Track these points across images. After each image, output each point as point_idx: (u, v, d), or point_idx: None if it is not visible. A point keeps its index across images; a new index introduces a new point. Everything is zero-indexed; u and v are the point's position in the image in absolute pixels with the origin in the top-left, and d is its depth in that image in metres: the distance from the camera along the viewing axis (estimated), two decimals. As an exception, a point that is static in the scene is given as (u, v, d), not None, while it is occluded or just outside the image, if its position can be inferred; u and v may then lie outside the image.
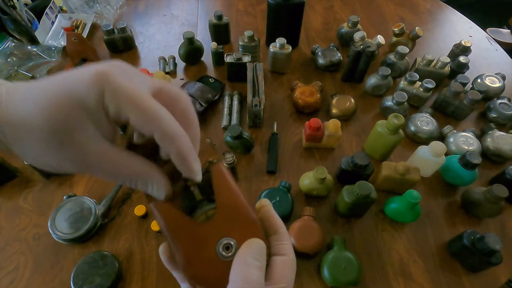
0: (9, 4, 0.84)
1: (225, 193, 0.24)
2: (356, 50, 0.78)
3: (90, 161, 0.21)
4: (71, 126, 0.20)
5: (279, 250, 0.25)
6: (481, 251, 0.53)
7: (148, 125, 0.21)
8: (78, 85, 0.20)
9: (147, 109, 0.20)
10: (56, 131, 0.20)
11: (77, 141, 0.20)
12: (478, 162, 0.60)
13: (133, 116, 0.20)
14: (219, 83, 0.84)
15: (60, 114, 0.20)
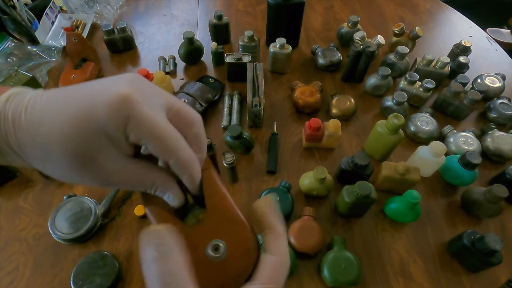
0: (9, 4, 0.84)
1: (215, 197, 0.25)
2: (356, 50, 0.78)
3: (113, 178, 0.22)
4: (92, 150, 0.20)
5: (274, 250, 0.24)
6: (481, 251, 0.53)
7: (166, 154, 0.22)
8: (100, 109, 0.20)
9: (167, 140, 0.21)
10: (76, 155, 0.20)
11: (99, 163, 0.21)
12: (478, 162, 0.60)
13: (152, 145, 0.21)
14: (219, 83, 0.84)
15: (80, 138, 0.20)
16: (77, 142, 0.20)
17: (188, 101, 0.75)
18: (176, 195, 0.24)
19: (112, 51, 0.93)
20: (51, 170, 0.22)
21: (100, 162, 0.21)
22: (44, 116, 0.20)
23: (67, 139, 0.20)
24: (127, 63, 0.91)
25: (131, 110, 0.20)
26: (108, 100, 0.20)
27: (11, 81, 0.66)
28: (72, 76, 0.82)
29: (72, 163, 0.20)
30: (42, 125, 0.20)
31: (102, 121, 0.20)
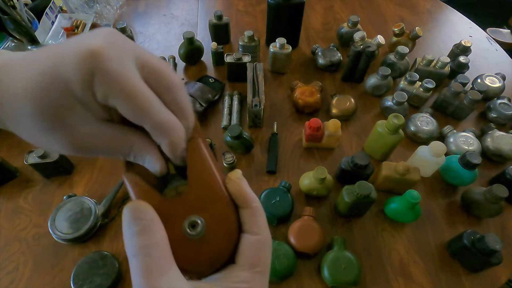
0: (9, 4, 0.84)
1: (199, 170, 0.23)
2: (356, 50, 0.78)
3: (86, 143, 0.20)
4: (60, 110, 0.19)
5: (252, 227, 0.23)
6: (481, 251, 0.53)
7: (139, 116, 0.19)
8: (66, 64, 0.18)
9: (138, 98, 0.19)
10: (44, 116, 0.19)
11: (68, 126, 0.19)
12: (478, 162, 0.60)
13: (122, 104, 0.19)
14: (219, 83, 0.84)
15: (46, 97, 0.18)
16: (43, 101, 0.18)
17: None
18: (156, 160, 0.22)
19: (112, 51, 0.92)
20: (23, 133, 0.20)
21: (70, 124, 0.19)
22: (18, 68, 0.19)
23: (32, 98, 0.18)
24: (127, 63, 0.91)
25: (98, 64, 0.17)
26: (75, 54, 0.18)
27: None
28: (72, 76, 0.82)
29: (40, 124, 0.19)
30: (15, 76, 0.19)
31: (68, 77, 0.18)
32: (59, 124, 0.19)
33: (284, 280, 0.56)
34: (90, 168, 0.69)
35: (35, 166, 0.64)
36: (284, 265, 0.53)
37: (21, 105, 0.19)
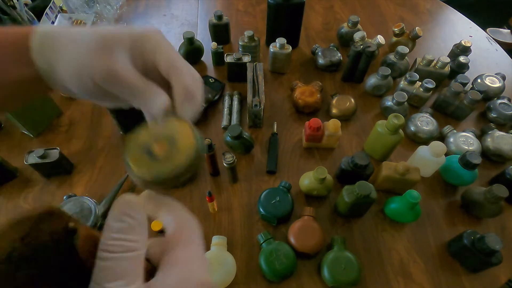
0: (9, 4, 0.84)
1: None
2: (356, 50, 0.78)
3: (117, 72, 0.25)
4: (115, 45, 0.25)
5: (174, 222, 0.24)
6: (481, 251, 0.53)
7: (170, 72, 0.27)
8: (137, 28, 0.27)
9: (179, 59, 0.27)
10: (102, 43, 0.25)
11: (114, 55, 0.25)
12: (478, 162, 0.60)
13: (163, 63, 0.27)
14: (219, 83, 0.83)
15: (110, 35, 0.25)
16: (105, 36, 0.25)
17: (188, 101, 0.74)
18: (164, 99, 0.26)
19: (112, 51, 0.93)
20: (67, 58, 0.25)
21: (115, 54, 0.25)
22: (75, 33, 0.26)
23: (99, 32, 0.25)
24: (127, 63, 0.91)
25: (157, 38, 0.27)
26: (134, 30, 0.26)
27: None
28: (72, 76, 0.82)
29: (92, 48, 0.24)
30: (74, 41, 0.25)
31: (135, 30, 0.27)
32: (108, 51, 0.25)
33: (284, 280, 0.56)
34: (90, 168, 0.69)
35: (35, 166, 0.64)
36: (284, 265, 0.53)
37: (84, 35, 0.25)
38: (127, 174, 0.66)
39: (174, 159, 0.24)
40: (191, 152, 0.24)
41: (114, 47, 0.25)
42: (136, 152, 0.24)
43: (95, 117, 0.78)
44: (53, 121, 0.77)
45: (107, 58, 0.25)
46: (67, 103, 0.81)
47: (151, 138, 0.25)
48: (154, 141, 0.25)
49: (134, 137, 0.26)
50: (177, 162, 0.23)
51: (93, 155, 0.71)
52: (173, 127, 0.25)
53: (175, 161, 0.23)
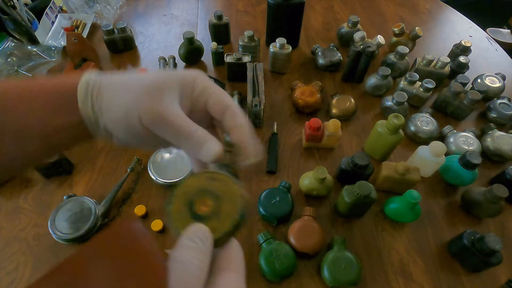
0: (9, 4, 0.84)
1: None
2: (356, 50, 0.78)
3: (166, 114, 0.25)
4: (164, 89, 0.26)
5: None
6: (481, 251, 0.53)
7: (222, 110, 0.28)
8: (175, 78, 0.27)
9: (232, 106, 0.28)
10: (151, 87, 0.25)
11: (164, 98, 0.25)
12: (478, 162, 0.60)
13: (212, 104, 0.28)
14: (219, 83, 0.83)
15: (159, 79, 0.26)
16: (155, 79, 0.26)
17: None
18: (216, 145, 0.26)
19: (112, 51, 0.93)
20: (118, 101, 0.26)
21: (165, 98, 0.25)
22: (121, 84, 0.27)
23: (148, 77, 0.27)
24: (127, 63, 0.91)
25: (204, 81, 0.28)
26: (182, 74, 0.28)
27: (11, 81, 0.66)
28: (72, 76, 0.82)
29: (143, 92, 0.25)
30: (119, 91, 0.26)
31: (183, 74, 0.28)
32: (159, 95, 0.26)
33: (284, 280, 0.56)
34: (90, 168, 0.69)
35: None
36: (284, 265, 0.53)
37: (133, 81, 0.26)
38: (127, 174, 0.66)
39: (219, 225, 0.23)
40: (236, 217, 0.23)
41: (163, 90, 0.26)
42: (179, 207, 0.24)
43: (95, 117, 0.78)
44: (53, 121, 0.77)
45: (157, 101, 0.25)
46: (67, 103, 0.81)
47: (195, 193, 0.24)
48: (198, 197, 0.24)
49: (179, 190, 0.25)
50: (221, 228, 0.23)
51: (93, 155, 0.71)
52: (220, 182, 0.24)
53: (218, 227, 0.23)
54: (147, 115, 0.25)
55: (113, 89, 0.26)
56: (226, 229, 0.23)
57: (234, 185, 0.24)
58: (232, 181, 0.24)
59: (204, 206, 0.23)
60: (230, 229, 0.23)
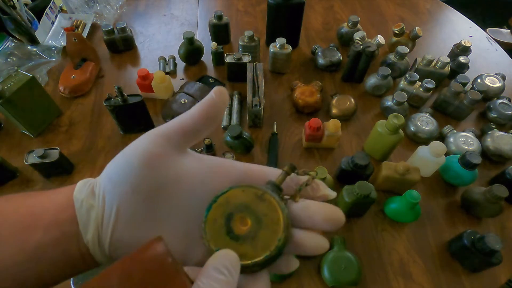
0: (9, 4, 0.84)
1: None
2: (356, 50, 0.78)
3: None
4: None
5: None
6: (481, 251, 0.53)
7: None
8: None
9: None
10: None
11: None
12: (478, 162, 0.60)
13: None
14: (219, 83, 0.83)
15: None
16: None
17: (188, 101, 0.75)
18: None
19: (112, 51, 0.93)
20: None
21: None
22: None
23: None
24: (127, 63, 0.91)
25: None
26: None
27: (11, 81, 0.66)
28: (72, 76, 0.82)
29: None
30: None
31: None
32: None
33: (284, 280, 0.56)
34: (90, 168, 0.69)
35: (35, 166, 0.64)
36: (284, 265, 0.53)
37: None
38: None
39: (250, 252, 0.21)
40: (272, 249, 0.20)
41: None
42: (216, 216, 0.22)
43: (95, 117, 0.78)
44: (53, 121, 0.77)
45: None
46: (67, 103, 0.81)
47: (237, 207, 0.22)
48: (239, 213, 0.22)
49: (221, 198, 0.22)
50: (252, 256, 0.21)
51: (93, 155, 0.71)
52: (267, 204, 0.22)
53: (250, 254, 0.21)
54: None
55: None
56: (257, 258, 0.20)
57: (280, 213, 0.21)
58: (280, 207, 0.21)
59: (241, 225, 0.21)
60: (261, 260, 0.20)
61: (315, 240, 0.22)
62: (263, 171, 0.24)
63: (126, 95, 0.66)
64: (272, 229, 0.21)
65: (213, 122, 0.24)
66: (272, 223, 0.21)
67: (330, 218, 0.22)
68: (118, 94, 0.65)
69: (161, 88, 0.77)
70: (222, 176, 0.24)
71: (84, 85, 0.82)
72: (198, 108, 0.23)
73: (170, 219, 0.22)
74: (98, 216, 0.21)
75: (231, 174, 0.24)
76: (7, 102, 0.64)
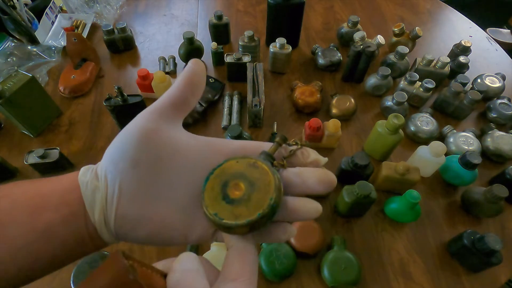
0: (9, 4, 0.84)
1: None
2: (356, 50, 0.78)
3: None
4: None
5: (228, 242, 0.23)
6: (481, 251, 0.53)
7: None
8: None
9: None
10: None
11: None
12: (478, 162, 0.60)
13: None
14: (219, 83, 0.84)
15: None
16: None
17: (188, 101, 0.74)
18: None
19: (112, 51, 0.93)
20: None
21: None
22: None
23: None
24: (127, 63, 0.91)
25: None
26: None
27: (11, 81, 0.66)
28: (72, 76, 0.82)
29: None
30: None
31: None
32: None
33: (284, 280, 0.56)
34: (90, 168, 0.69)
35: (35, 166, 0.64)
36: (284, 265, 0.53)
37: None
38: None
39: (245, 212, 0.22)
40: (265, 208, 0.22)
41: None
42: (213, 185, 0.23)
43: (95, 117, 0.78)
44: (53, 121, 0.77)
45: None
46: (67, 103, 0.81)
47: (232, 175, 0.23)
48: (233, 180, 0.23)
49: (218, 170, 0.24)
50: (246, 216, 0.22)
51: (93, 155, 0.71)
52: (259, 169, 0.23)
53: (244, 214, 0.22)
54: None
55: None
56: (251, 217, 0.21)
57: (272, 176, 0.23)
58: (271, 172, 0.23)
59: (236, 190, 0.23)
60: (255, 218, 0.21)
61: (308, 204, 0.23)
62: (258, 145, 0.25)
63: (126, 95, 0.66)
64: (265, 190, 0.22)
65: (198, 88, 0.25)
66: (264, 185, 0.22)
67: (323, 180, 0.23)
68: (118, 94, 0.65)
69: (161, 88, 0.77)
70: (219, 151, 0.25)
71: (84, 85, 0.82)
72: (181, 78, 0.25)
73: (170, 194, 0.23)
74: (103, 196, 0.22)
75: (227, 149, 0.25)
76: (7, 102, 0.64)
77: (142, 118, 0.23)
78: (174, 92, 0.24)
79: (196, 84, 0.25)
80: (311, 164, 0.25)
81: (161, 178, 0.22)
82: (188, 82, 0.25)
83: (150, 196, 0.22)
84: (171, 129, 0.23)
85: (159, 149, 0.22)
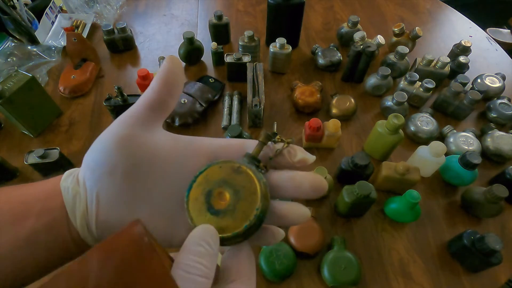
0: (9, 4, 0.84)
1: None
2: (356, 50, 0.78)
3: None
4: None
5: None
6: (481, 251, 0.53)
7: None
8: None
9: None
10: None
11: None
12: (478, 162, 0.60)
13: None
14: (219, 83, 0.84)
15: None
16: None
17: (188, 101, 0.75)
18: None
19: (112, 51, 0.93)
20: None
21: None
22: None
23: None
24: (127, 63, 0.91)
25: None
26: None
27: (11, 81, 0.66)
28: (72, 76, 0.82)
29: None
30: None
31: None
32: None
33: (284, 280, 0.56)
34: (90, 168, 0.69)
35: (35, 166, 0.64)
36: (284, 265, 0.53)
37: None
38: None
39: (231, 224, 0.21)
40: (251, 218, 0.21)
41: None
42: (197, 195, 0.22)
43: (95, 117, 0.78)
44: (53, 121, 0.77)
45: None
46: (67, 103, 0.81)
47: (215, 183, 0.22)
48: (217, 189, 0.22)
49: (200, 177, 0.23)
50: (232, 228, 0.21)
51: (93, 155, 0.71)
52: (243, 176, 0.22)
53: (230, 226, 0.21)
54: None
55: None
56: (238, 230, 0.21)
57: (257, 183, 0.21)
58: (257, 178, 0.22)
59: (221, 200, 0.22)
60: (242, 230, 0.21)
61: (297, 209, 0.23)
62: (241, 144, 0.24)
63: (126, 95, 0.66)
64: (250, 199, 0.21)
65: (175, 88, 0.24)
66: (250, 194, 0.21)
67: (316, 186, 0.23)
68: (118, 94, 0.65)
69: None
70: (200, 152, 0.24)
71: (84, 85, 0.82)
72: (157, 79, 0.23)
73: (151, 199, 0.22)
74: (83, 201, 0.22)
75: (208, 150, 0.24)
76: (7, 102, 0.64)
77: (117, 125, 0.22)
78: (149, 94, 0.23)
79: (172, 83, 0.24)
80: (298, 163, 0.24)
81: (140, 184, 0.22)
82: (164, 83, 0.23)
83: (130, 202, 0.22)
84: (148, 134, 0.23)
85: (135, 155, 0.22)
